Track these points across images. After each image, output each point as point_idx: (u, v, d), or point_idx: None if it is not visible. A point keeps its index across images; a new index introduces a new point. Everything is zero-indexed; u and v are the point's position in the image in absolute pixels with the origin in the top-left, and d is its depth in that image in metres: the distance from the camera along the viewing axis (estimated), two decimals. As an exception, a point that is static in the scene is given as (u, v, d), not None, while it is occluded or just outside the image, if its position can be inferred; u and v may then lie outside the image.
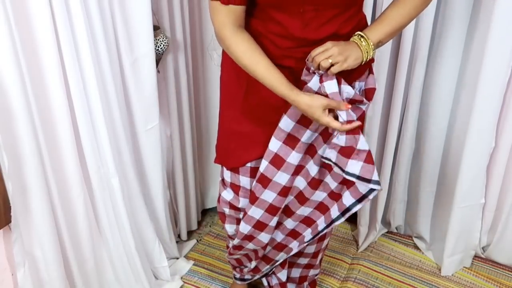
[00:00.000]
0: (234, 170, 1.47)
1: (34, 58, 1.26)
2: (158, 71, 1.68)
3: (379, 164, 2.00)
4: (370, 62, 1.33)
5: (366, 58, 1.22)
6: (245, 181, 1.47)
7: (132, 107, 1.62)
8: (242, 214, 1.51)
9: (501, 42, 1.56)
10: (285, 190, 1.39)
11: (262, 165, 1.37)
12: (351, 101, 1.26)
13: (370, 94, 1.34)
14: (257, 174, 1.39)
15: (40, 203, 1.36)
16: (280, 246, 1.57)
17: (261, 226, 1.47)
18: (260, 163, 1.42)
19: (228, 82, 1.41)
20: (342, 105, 1.18)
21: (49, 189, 1.40)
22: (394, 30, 1.25)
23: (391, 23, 1.24)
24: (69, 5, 1.26)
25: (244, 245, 1.56)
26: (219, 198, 1.58)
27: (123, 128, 1.56)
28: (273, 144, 1.33)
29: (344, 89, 1.23)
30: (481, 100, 1.65)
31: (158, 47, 1.60)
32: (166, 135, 1.87)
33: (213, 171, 2.22)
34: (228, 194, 1.53)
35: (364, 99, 1.28)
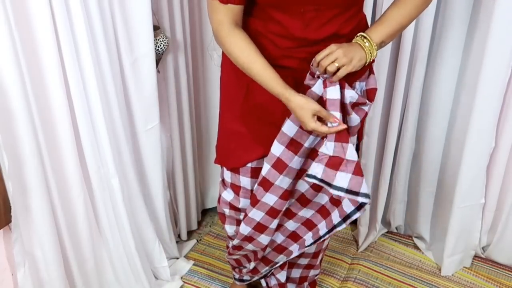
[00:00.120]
0: (235, 170, 1.47)
1: (34, 58, 1.26)
2: (158, 71, 1.68)
3: (379, 164, 2.00)
4: (371, 62, 1.33)
5: (370, 59, 1.21)
6: (245, 182, 1.47)
7: (132, 107, 1.62)
8: (243, 215, 1.51)
9: (501, 42, 1.56)
10: (287, 194, 1.39)
11: (264, 169, 1.35)
12: (354, 104, 1.26)
13: (371, 94, 1.34)
14: (259, 177, 1.38)
15: (40, 203, 1.36)
16: (280, 248, 1.57)
17: (261, 228, 1.47)
18: (260, 163, 1.42)
19: (228, 83, 1.40)
20: (331, 118, 1.17)
21: (49, 189, 1.40)
22: (395, 30, 1.25)
23: (392, 23, 1.24)
24: (69, 5, 1.26)
25: (243, 245, 1.56)
26: (219, 199, 1.58)
27: (123, 128, 1.56)
28: (275, 148, 1.31)
29: (348, 94, 1.22)
30: (481, 100, 1.65)
31: (158, 47, 1.60)
32: (166, 135, 1.87)
33: (213, 171, 2.22)
34: (228, 195, 1.53)
35: (366, 101, 1.27)
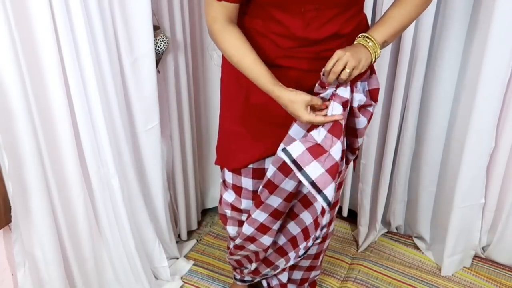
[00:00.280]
0: (236, 171, 1.47)
1: (34, 58, 1.26)
2: (158, 71, 1.68)
3: (379, 164, 2.00)
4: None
5: (375, 58, 1.21)
6: (247, 183, 1.47)
7: (132, 107, 1.62)
8: (245, 216, 1.51)
9: (501, 42, 1.56)
10: (291, 196, 1.39)
11: (270, 171, 1.35)
12: (361, 106, 1.26)
13: (375, 94, 1.33)
14: (264, 179, 1.38)
15: (40, 203, 1.36)
16: (281, 250, 1.57)
17: (264, 229, 1.47)
18: (262, 164, 1.42)
19: (228, 83, 1.40)
20: (323, 104, 1.18)
21: (49, 189, 1.40)
22: (396, 30, 1.25)
23: (393, 23, 1.24)
24: (69, 5, 1.26)
25: (245, 245, 1.55)
26: (221, 200, 1.57)
27: (123, 128, 1.56)
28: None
29: (357, 97, 1.23)
30: (481, 100, 1.65)
31: (158, 47, 1.60)
32: (166, 135, 1.87)
33: (213, 171, 2.22)
34: (229, 196, 1.53)
35: (372, 102, 1.27)
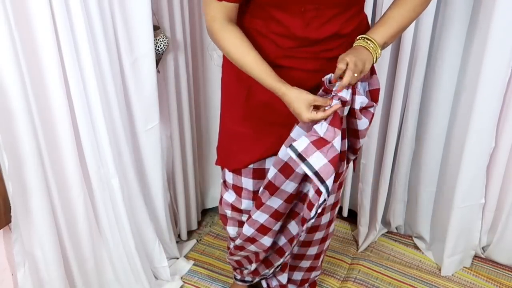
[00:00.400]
0: (236, 171, 1.46)
1: (34, 58, 1.26)
2: (158, 71, 1.68)
3: (379, 164, 2.00)
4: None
5: (376, 59, 1.21)
6: (247, 183, 1.47)
7: (132, 107, 1.62)
8: (245, 216, 1.51)
9: (501, 42, 1.56)
10: (292, 197, 1.39)
11: (271, 173, 1.35)
12: (362, 108, 1.26)
13: (375, 95, 1.33)
14: (265, 180, 1.38)
15: (40, 203, 1.36)
16: (281, 251, 1.57)
17: (264, 230, 1.47)
18: (262, 164, 1.42)
19: (229, 83, 1.40)
20: (328, 102, 1.18)
21: (49, 189, 1.40)
22: (396, 31, 1.25)
23: (393, 24, 1.24)
24: (69, 5, 1.26)
25: (246, 246, 1.55)
26: (221, 200, 1.57)
27: (123, 128, 1.56)
28: (283, 152, 1.31)
29: (358, 100, 1.22)
30: (481, 100, 1.65)
31: (158, 47, 1.60)
32: (166, 135, 1.87)
33: (213, 171, 2.22)
34: (230, 196, 1.53)
35: (373, 103, 1.27)
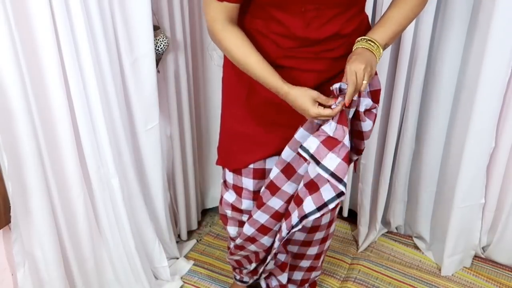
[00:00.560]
0: (237, 171, 1.46)
1: (34, 58, 1.26)
2: (158, 71, 1.68)
3: (379, 164, 2.00)
4: None
5: (379, 60, 1.22)
6: (248, 183, 1.46)
7: (132, 107, 1.62)
8: (245, 216, 1.51)
9: (501, 42, 1.56)
10: (292, 198, 1.38)
11: (273, 173, 1.35)
12: (366, 110, 1.26)
13: (376, 96, 1.33)
14: (267, 180, 1.38)
15: (40, 203, 1.36)
16: (281, 250, 1.57)
17: (265, 230, 1.47)
18: (262, 164, 1.42)
19: (230, 83, 1.40)
20: (331, 100, 1.18)
21: (49, 189, 1.40)
22: (397, 31, 1.25)
23: (393, 24, 1.24)
24: (69, 5, 1.26)
25: (246, 246, 1.55)
26: (221, 200, 1.57)
27: (123, 128, 1.56)
28: (286, 153, 1.31)
29: (363, 102, 1.22)
30: (481, 100, 1.65)
31: (158, 47, 1.60)
32: (166, 135, 1.87)
33: (213, 171, 2.22)
34: (230, 196, 1.53)
35: (376, 104, 1.28)
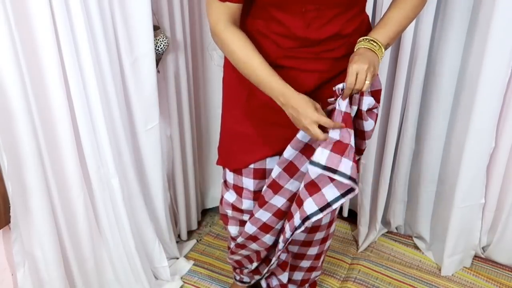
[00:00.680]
0: (237, 171, 1.47)
1: (34, 58, 1.26)
2: (158, 71, 1.68)
3: (379, 164, 2.00)
4: None
5: (381, 60, 1.22)
6: (248, 183, 1.46)
7: (132, 107, 1.62)
8: (246, 216, 1.51)
9: (501, 42, 1.56)
10: (295, 196, 1.38)
11: (275, 171, 1.36)
12: (368, 109, 1.26)
13: (377, 96, 1.32)
14: (268, 179, 1.38)
15: (40, 203, 1.36)
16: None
17: (266, 228, 1.47)
18: (263, 164, 1.43)
19: (230, 84, 1.40)
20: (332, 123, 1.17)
21: (49, 189, 1.40)
22: (397, 32, 1.25)
23: (393, 25, 1.24)
24: (69, 5, 1.26)
25: (247, 244, 1.55)
26: (222, 200, 1.57)
27: (123, 128, 1.56)
28: (288, 152, 1.32)
29: (366, 101, 1.22)
30: (481, 100, 1.65)
31: (158, 47, 1.60)
32: (166, 135, 1.87)
33: (213, 171, 2.22)
34: (231, 196, 1.53)
35: (377, 104, 1.28)
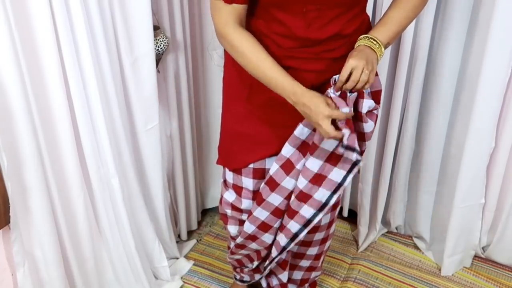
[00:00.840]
0: (237, 171, 1.47)
1: (34, 58, 1.26)
2: (158, 71, 1.68)
3: (379, 164, 2.00)
4: None
5: (380, 59, 1.21)
6: (247, 182, 1.47)
7: (132, 107, 1.62)
8: (246, 215, 1.51)
9: (501, 42, 1.56)
10: (291, 194, 1.39)
11: (273, 168, 1.36)
12: (368, 111, 1.26)
13: (377, 96, 1.32)
14: (267, 176, 1.39)
15: (40, 203, 1.36)
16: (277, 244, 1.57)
17: (265, 227, 1.47)
18: (263, 164, 1.43)
19: (231, 83, 1.40)
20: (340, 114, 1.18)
21: (49, 189, 1.40)
22: (397, 31, 1.25)
23: (393, 24, 1.24)
24: (69, 5, 1.26)
25: (247, 244, 1.55)
26: (221, 200, 1.57)
27: (123, 128, 1.56)
28: (286, 149, 1.33)
29: (366, 104, 1.23)
30: (481, 100, 1.65)
31: (158, 47, 1.60)
32: (166, 135, 1.87)
33: (213, 171, 2.22)
34: (230, 196, 1.53)
35: (377, 105, 1.28)
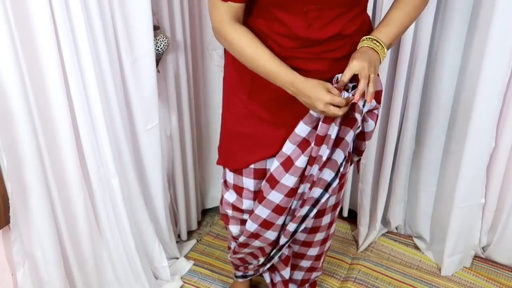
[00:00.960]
0: (237, 171, 1.47)
1: (34, 58, 1.26)
2: (158, 71, 1.68)
3: (379, 164, 2.00)
4: None
5: (383, 60, 1.22)
6: (248, 183, 1.47)
7: (132, 107, 1.62)
8: (247, 215, 1.51)
9: (501, 42, 1.56)
10: (292, 192, 1.39)
11: (273, 165, 1.37)
12: (369, 110, 1.26)
13: (378, 96, 1.32)
14: (267, 173, 1.39)
15: (40, 203, 1.36)
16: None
17: (267, 225, 1.47)
18: (263, 164, 1.43)
19: (231, 83, 1.40)
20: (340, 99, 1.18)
21: (49, 189, 1.40)
22: (399, 32, 1.26)
23: (395, 25, 1.24)
24: (69, 5, 1.26)
25: (250, 242, 1.55)
26: (222, 200, 1.57)
27: (123, 128, 1.56)
28: (287, 147, 1.34)
29: (367, 104, 1.22)
30: (481, 100, 1.65)
31: (158, 47, 1.60)
32: (166, 135, 1.87)
33: (213, 171, 2.22)
34: (231, 196, 1.53)
35: (378, 105, 1.28)
